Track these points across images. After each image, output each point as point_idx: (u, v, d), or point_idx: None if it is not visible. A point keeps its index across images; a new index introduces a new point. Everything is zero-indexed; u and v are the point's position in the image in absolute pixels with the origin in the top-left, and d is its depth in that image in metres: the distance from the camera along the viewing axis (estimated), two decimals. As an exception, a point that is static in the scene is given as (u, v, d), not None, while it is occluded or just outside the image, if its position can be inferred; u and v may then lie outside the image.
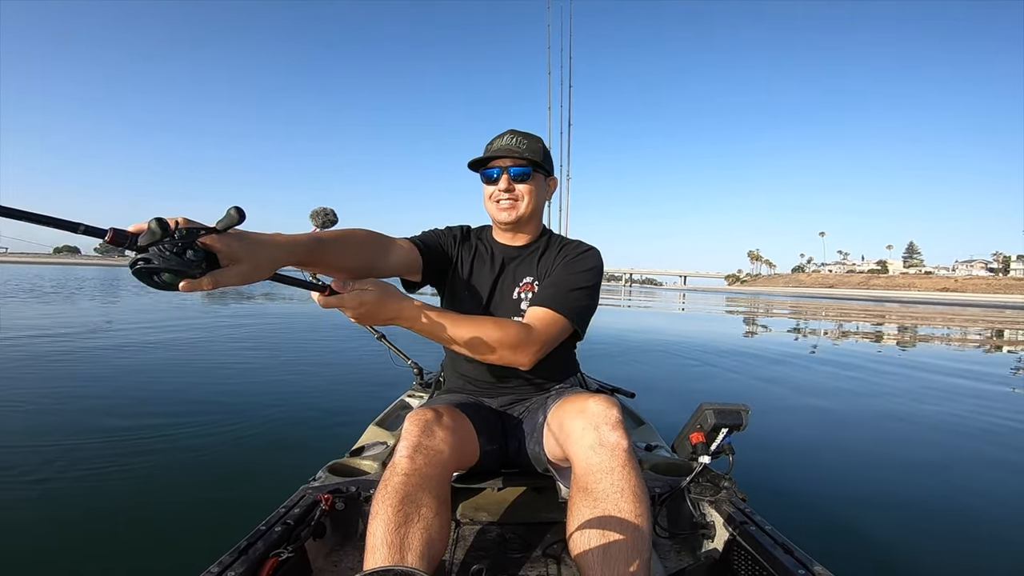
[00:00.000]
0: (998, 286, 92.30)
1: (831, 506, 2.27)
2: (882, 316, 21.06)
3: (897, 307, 33.49)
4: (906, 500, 2.36)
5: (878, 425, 3.79)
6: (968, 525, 2.13)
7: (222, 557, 1.02)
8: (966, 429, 3.71)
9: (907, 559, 1.85)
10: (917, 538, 2.01)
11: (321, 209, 1.90)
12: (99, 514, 2.01)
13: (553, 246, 1.44)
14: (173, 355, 5.55)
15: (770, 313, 20.81)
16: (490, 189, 1.37)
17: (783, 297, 57.55)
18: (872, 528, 2.07)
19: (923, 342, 10.96)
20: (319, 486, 1.37)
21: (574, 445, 1.09)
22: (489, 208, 1.39)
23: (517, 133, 1.36)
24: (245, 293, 17.41)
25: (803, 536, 1.18)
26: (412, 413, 1.13)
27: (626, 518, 0.96)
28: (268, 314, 10.77)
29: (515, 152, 1.32)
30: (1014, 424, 3.87)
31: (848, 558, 1.81)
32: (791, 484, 2.49)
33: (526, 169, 1.33)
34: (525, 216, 1.37)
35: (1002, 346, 10.59)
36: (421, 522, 0.96)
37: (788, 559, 1.06)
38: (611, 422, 1.08)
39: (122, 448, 2.69)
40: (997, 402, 4.68)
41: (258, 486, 2.28)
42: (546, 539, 1.35)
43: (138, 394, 3.85)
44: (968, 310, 31.47)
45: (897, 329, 14.32)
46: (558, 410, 1.22)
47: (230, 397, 3.86)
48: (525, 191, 1.35)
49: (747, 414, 1.31)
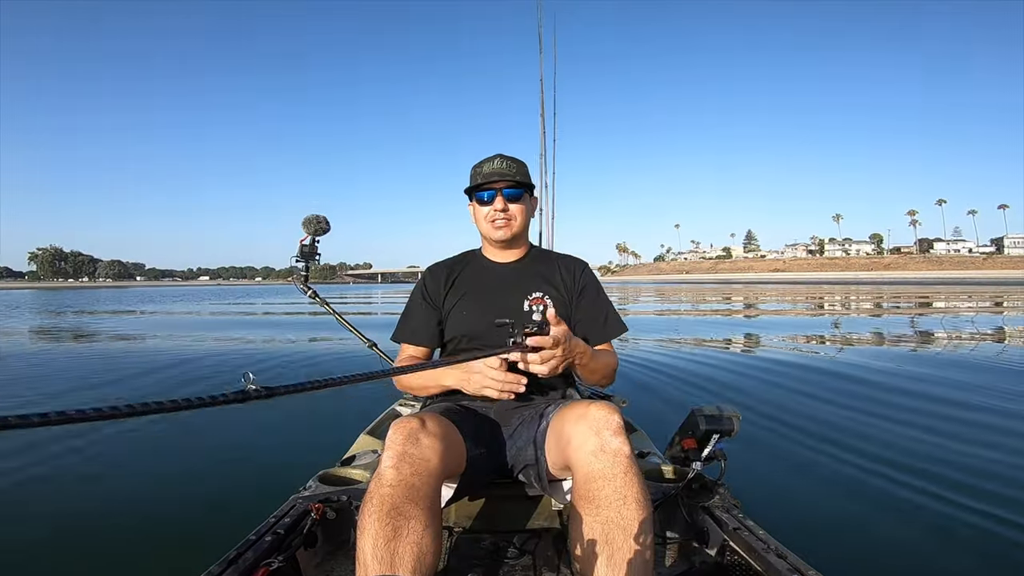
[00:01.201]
0: (816, 265, 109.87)
1: (825, 511, 2.23)
2: (743, 295, 23.65)
3: (741, 287, 37.93)
4: (901, 501, 2.28)
5: (866, 422, 3.49)
6: (963, 526, 2.06)
7: (211, 567, 1.00)
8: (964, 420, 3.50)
9: (902, 563, 1.83)
10: (912, 541, 1.97)
11: (313, 217, 1.91)
12: (84, 526, 2.00)
13: (548, 259, 1.57)
14: (157, 363, 5.55)
15: (637, 300, 22.33)
16: (485, 210, 1.45)
17: (649, 284, 62.40)
18: (867, 532, 2.04)
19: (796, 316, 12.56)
20: (310, 495, 1.35)
21: (576, 451, 1.07)
22: (484, 228, 1.48)
23: (505, 157, 1.45)
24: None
25: (797, 541, 1.17)
26: (396, 422, 1.09)
27: (629, 526, 0.96)
28: (253, 324, 10.69)
29: (508, 175, 1.42)
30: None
31: (842, 563, 1.78)
32: (784, 489, 2.45)
33: (518, 191, 1.44)
34: (518, 233, 1.47)
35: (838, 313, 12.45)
36: (411, 535, 0.93)
37: (782, 564, 1.06)
38: (613, 428, 1.07)
39: (108, 458, 2.71)
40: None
41: (248, 496, 2.24)
42: (540, 547, 1.34)
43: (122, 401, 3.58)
44: (796, 287, 36.57)
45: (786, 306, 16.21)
46: (559, 416, 1.20)
47: (217, 409, 3.59)
48: (517, 211, 1.45)
49: (738, 420, 1.31)
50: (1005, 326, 9.59)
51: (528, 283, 1.47)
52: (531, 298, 1.44)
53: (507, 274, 1.50)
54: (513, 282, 1.48)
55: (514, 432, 1.34)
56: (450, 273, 1.51)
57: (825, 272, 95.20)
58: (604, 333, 1.47)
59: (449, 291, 1.48)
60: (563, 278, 1.49)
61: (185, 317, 14.57)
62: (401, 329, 1.51)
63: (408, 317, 1.51)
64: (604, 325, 1.47)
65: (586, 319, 1.46)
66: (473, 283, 1.49)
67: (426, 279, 1.53)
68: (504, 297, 1.45)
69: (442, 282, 1.50)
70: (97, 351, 7.29)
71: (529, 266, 1.52)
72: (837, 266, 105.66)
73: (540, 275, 1.49)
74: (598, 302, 1.49)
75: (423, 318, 1.48)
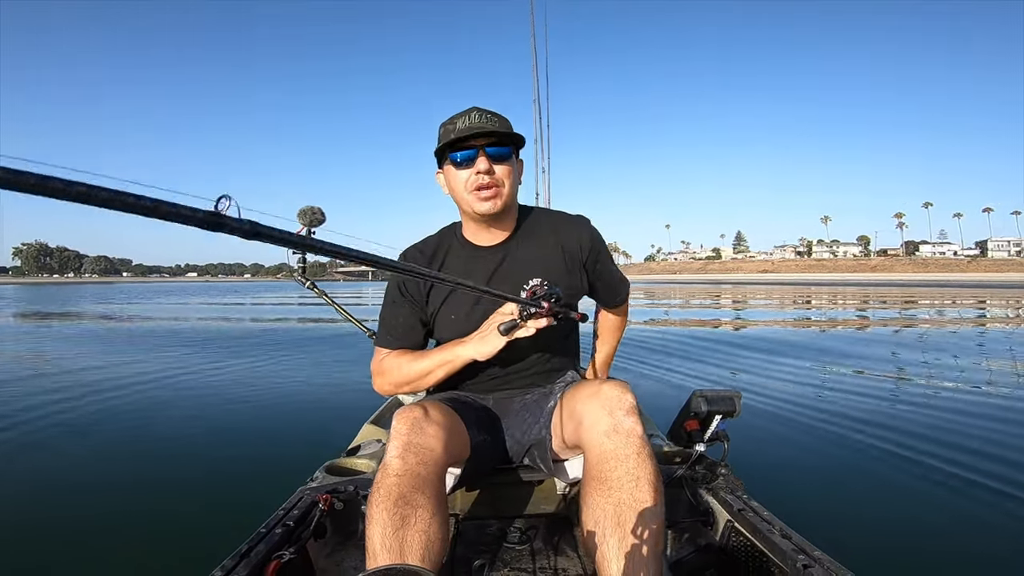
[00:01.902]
0: (804, 266, 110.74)
1: (828, 490, 2.26)
2: (731, 295, 23.85)
3: (730, 287, 38.24)
4: (904, 483, 2.31)
5: (875, 407, 3.54)
6: (966, 505, 2.09)
7: (224, 561, 1.00)
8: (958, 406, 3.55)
9: (906, 541, 1.84)
10: (916, 520, 1.98)
11: (308, 208, 1.92)
12: (94, 521, 2.00)
13: (541, 230, 1.29)
14: (155, 361, 5.56)
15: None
16: (464, 174, 1.16)
17: (640, 284, 62.72)
18: (870, 511, 2.05)
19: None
20: (317, 487, 1.35)
21: (588, 431, 1.05)
22: (465, 199, 1.19)
23: (483, 110, 1.17)
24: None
25: (801, 521, 1.18)
26: (400, 411, 1.07)
27: (642, 508, 0.94)
28: (252, 314, 10.76)
29: (489, 129, 1.13)
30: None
31: (847, 541, 1.78)
32: (787, 469, 2.47)
33: (505, 149, 1.17)
34: (508, 202, 1.20)
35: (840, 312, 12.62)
36: (419, 523, 0.92)
37: (786, 544, 1.07)
38: (626, 407, 1.04)
39: (115, 455, 2.72)
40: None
41: (255, 489, 2.25)
42: (547, 532, 1.35)
43: (126, 401, 3.87)
44: (783, 287, 37.07)
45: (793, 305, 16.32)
46: (570, 395, 1.18)
47: (221, 401, 3.82)
48: (504, 173, 1.17)
49: (739, 400, 1.32)
50: (987, 326, 9.83)
51: (524, 269, 1.26)
52: (527, 288, 1.23)
53: (497, 262, 1.26)
54: (506, 272, 1.26)
55: (516, 416, 1.32)
56: (429, 263, 1.28)
57: (813, 273, 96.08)
58: (620, 293, 1.42)
59: (432, 287, 1.27)
60: (564, 248, 1.27)
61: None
62: (383, 335, 1.31)
63: (388, 319, 1.31)
64: (620, 285, 1.41)
65: (602, 285, 1.37)
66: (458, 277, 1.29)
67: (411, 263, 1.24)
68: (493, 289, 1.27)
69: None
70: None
71: (522, 245, 1.27)
72: (824, 267, 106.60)
73: (536, 255, 1.27)
74: (610, 266, 1.35)
75: (406, 319, 1.29)
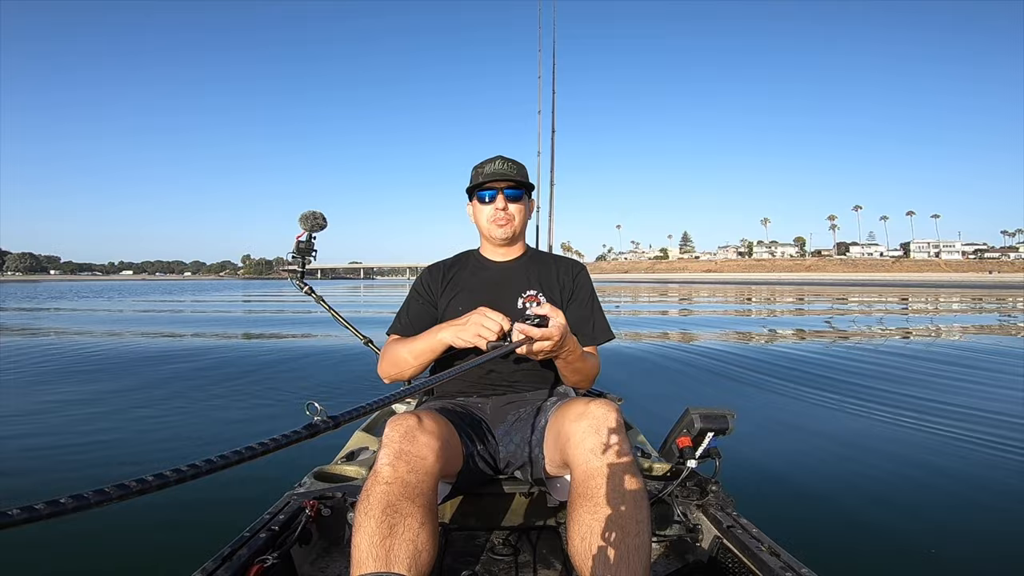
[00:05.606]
0: (745, 266, 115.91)
1: (818, 509, 2.25)
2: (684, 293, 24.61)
3: (677, 287, 39.66)
4: (895, 502, 2.30)
5: (864, 427, 3.47)
6: (961, 523, 2.09)
7: (205, 564, 1.00)
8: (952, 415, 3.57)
9: (896, 562, 1.85)
10: (906, 539, 1.98)
11: (310, 213, 1.90)
12: (75, 523, 1.94)
13: (544, 260, 1.60)
14: (150, 357, 5.62)
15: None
16: (486, 209, 1.49)
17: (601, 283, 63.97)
18: (860, 530, 2.04)
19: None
20: (304, 492, 1.35)
21: (575, 448, 1.08)
22: (485, 227, 1.52)
23: (506, 159, 1.49)
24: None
25: (790, 539, 1.19)
26: (393, 419, 1.08)
27: (628, 524, 0.96)
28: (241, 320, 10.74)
29: (509, 176, 1.46)
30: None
31: (836, 561, 1.79)
32: (778, 487, 2.47)
33: (519, 191, 1.49)
34: (518, 232, 1.51)
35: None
36: (407, 532, 0.93)
37: (775, 562, 1.07)
38: (612, 425, 1.08)
39: (101, 454, 2.72)
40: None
41: (242, 493, 2.23)
42: (536, 544, 1.35)
43: (116, 401, 3.89)
44: (727, 286, 38.90)
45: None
46: (558, 413, 1.21)
47: (210, 403, 3.81)
48: (517, 210, 1.49)
49: (733, 418, 1.33)
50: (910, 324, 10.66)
51: (523, 281, 1.51)
52: (525, 295, 1.47)
53: (503, 272, 1.54)
54: (508, 279, 1.52)
55: (510, 429, 1.34)
56: (448, 271, 1.56)
57: (753, 273, 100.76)
58: (591, 337, 1.49)
59: (445, 288, 1.52)
60: (559, 279, 1.53)
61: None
62: (395, 323, 1.54)
63: (403, 312, 1.54)
64: (592, 329, 1.50)
65: (575, 321, 1.45)
66: (469, 280, 1.53)
67: (424, 276, 1.58)
68: (499, 293, 1.47)
69: (439, 279, 1.54)
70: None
71: (525, 265, 1.56)
72: (764, 267, 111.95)
73: (536, 274, 1.53)
74: (588, 306, 1.52)
75: (417, 311, 1.52)
